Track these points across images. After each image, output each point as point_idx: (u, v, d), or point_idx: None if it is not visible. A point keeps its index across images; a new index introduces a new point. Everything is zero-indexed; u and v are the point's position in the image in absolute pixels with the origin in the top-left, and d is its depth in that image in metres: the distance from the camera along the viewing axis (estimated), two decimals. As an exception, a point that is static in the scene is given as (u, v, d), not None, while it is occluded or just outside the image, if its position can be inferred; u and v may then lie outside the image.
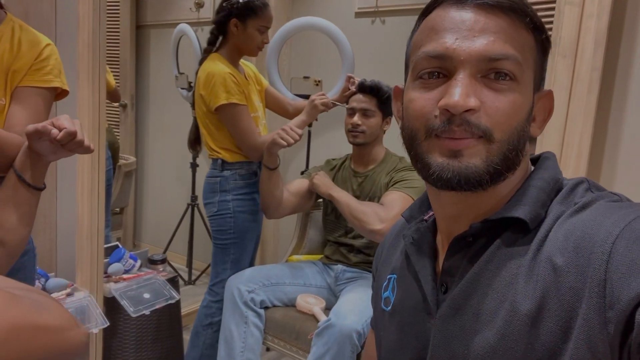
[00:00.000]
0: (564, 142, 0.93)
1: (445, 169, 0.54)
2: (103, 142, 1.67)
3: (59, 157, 1.02)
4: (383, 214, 1.59)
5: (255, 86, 1.94)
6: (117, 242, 2.07)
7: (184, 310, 2.61)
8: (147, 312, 1.74)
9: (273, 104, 2.08)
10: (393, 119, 1.85)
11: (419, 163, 0.57)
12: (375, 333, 0.76)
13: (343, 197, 1.69)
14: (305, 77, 2.33)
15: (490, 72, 0.53)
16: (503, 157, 0.54)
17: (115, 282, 1.79)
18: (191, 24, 3.12)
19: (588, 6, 0.90)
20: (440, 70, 0.55)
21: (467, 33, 0.53)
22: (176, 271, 3.16)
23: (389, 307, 0.70)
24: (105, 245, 1.98)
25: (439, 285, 0.61)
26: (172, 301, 1.83)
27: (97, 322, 1.60)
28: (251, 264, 1.91)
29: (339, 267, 1.85)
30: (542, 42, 0.57)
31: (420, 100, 0.56)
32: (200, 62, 1.82)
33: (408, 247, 0.67)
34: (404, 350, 0.65)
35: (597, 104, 0.94)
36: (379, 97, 1.77)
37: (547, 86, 0.98)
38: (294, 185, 1.85)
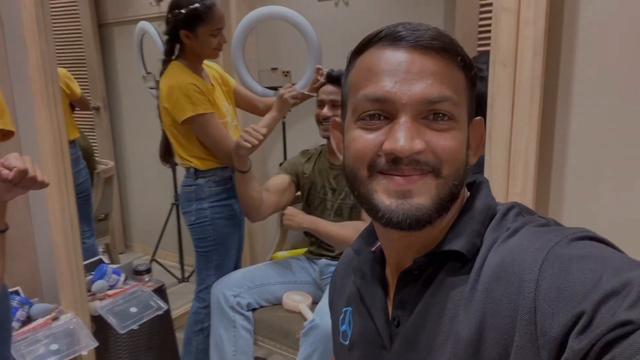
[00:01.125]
0: (511, 151, 0.92)
1: (395, 212, 0.54)
2: (67, 161, 1.63)
3: (14, 196, 1.00)
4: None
5: (222, 88, 1.89)
6: (100, 257, 2.06)
7: (179, 310, 2.64)
8: (135, 326, 1.75)
9: (243, 103, 2.04)
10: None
11: (366, 204, 0.58)
12: None
13: (320, 226, 1.69)
14: (274, 69, 2.28)
15: (429, 113, 0.55)
16: (449, 192, 0.56)
17: (101, 299, 1.79)
18: (153, 18, 3.03)
19: (524, 12, 0.87)
20: (381, 112, 0.56)
21: (405, 75, 0.54)
22: (168, 270, 3.19)
23: (347, 341, 0.70)
24: (89, 261, 1.98)
25: (391, 319, 0.62)
26: (160, 312, 1.84)
27: (86, 344, 1.60)
28: (236, 267, 1.91)
29: (323, 261, 1.85)
30: (471, 78, 0.59)
31: (363, 140, 0.57)
32: (161, 72, 1.77)
33: (358, 281, 0.68)
34: None
35: (542, 111, 0.92)
36: None
37: (490, 97, 0.96)
38: (272, 183, 1.83)
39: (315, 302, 1.77)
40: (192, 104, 1.64)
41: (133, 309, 1.79)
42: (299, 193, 1.92)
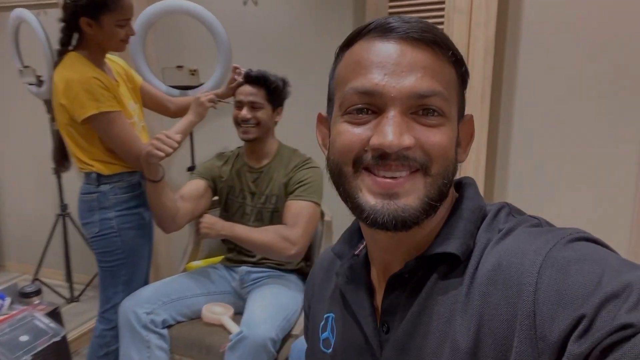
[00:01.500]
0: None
1: (380, 212, 0.52)
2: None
3: None
4: (292, 235, 1.57)
5: (127, 85, 1.71)
6: (-24, 280, 1.76)
7: (72, 333, 2.36)
8: (27, 357, 1.51)
9: (151, 103, 1.86)
10: (284, 109, 1.78)
11: (350, 203, 0.55)
12: None
13: (240, 233, 1.61)
14: (179, 67, 2.14)
15: (419, 108, 0.53)
16: (438, 191, 0.54)
17: (-19, 330, 1.52)
18: (30, 6, 2.69)
19: (476, 14, 0.89)
20: (369, 106, 0.53)
21: (394, 68, 0.52)
22: (53, 290, 2.84)
23: (330, 350, 0.67)
24: (-39, 286, 1.67)
25: (380, 325, 0.59)
26: (57, 338, 1.61)
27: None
28: (145, 282, 1.75)
29: (243, 268, 1.77)
30: (462, 74, 0.57)
31: (349, 134, 0.54)
32: (56, 64, 1.55)
33: (343, 286, 0.65)
34: None
35: (490, 111, 0.96)
36: (267, 87, 1.68)
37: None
38: (186, 190, 1.71)
39: (237, 313, 1.68)
40: (95, 101, 1.46)
41: (24, 338, 1.54)
42: (216, 198, 1.82)
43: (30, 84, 2.53)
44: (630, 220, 1.63)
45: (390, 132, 0.51)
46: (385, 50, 0.53)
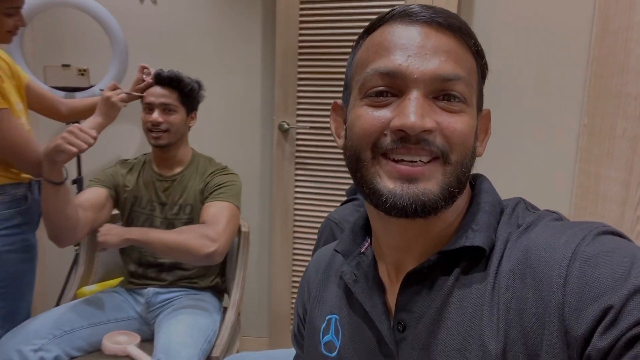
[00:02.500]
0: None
1: (399, 195, 0.51)
2: None
3: None
4: (211, 232, 1.41)
5: (12, 82, 1.44)
6: None
7: None
8: None
9: (39, 105, 1.57)
10: (198, 113, 1.65)
11: (367, 188, 0.54)
12: None
13: (151, 235, 1.40)
14: (65, 65, 1.89)
15: (442, 93, 0.52)
16: (457, 179, 0.53)
17: None
18: None
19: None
20: (390, 89, 0.52)
21: (418, 50, 0.51)
22: None
23: (334, 353, 0.64)
24: None
25: (394, 323, 0.57)
26: None
27: None
28: (28, 315, 1.48)
29: (150, 290, 1.58)
30: (482, 67, 0.57)
31: (368, 117, 0.53)
32: None
33: (352, 285, 0.62)
34: None
35: None
36: (180, 90, 1.54)
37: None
38: (85, 198, 1.49)
39: (144, 340, 1.49)
40: None
41: None
42: (116, 212, 1.61)
43: None
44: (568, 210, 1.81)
45: (412, 112, 0.50)
46: (409, 33, 0.52)
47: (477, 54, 0.56)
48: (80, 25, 2.07)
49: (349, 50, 0.61)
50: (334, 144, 1.89)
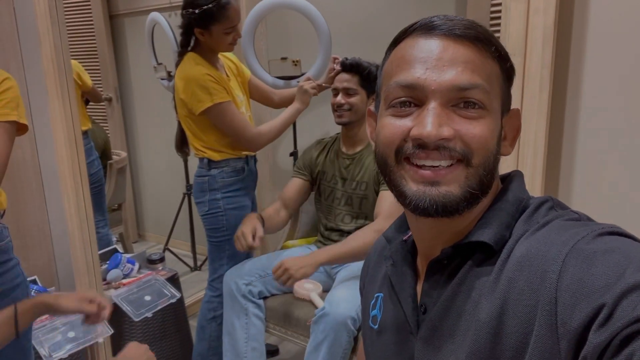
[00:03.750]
0: (520, 141, 0.91)
1: (422, 197, 0.55)
2: (81, 152, 1.66)
3: None
4: (383, 226, 1.58)
5: (237, 79, 1.90)
6: (115, 247, 2.10)
7: (192, 298, 2.68)
8: (149, 314, 1.78)
9: (258, 95, 2.05)
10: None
11: (394, 190, 0.59)
12: (365, 348, 0.78)
13: (335, 251, 1.62)
14: (283, 58, 2.28)
15: (460, 101, 0.55)
16: (479, 181, 0.56)
17: (116, 288, 1.83)
18: (164, 9, 3.05)
19: (534, 1, 0.86)
20: (411, 99, 0.56)
21: (436, 63, 0.55)
22: (180, 259, 3.23)
23: (377, 326, 0.72)
24: (103, 250, 2.02)
25: (419, 306, 0.63)
26: (174, 300, 1.87)
27: (102, 332, 1.64)
28: (248, 256, 1.94)
29: (334, 249, 1.86)
30: (507, 70, 0.59)
31: (391, 127, 0.58)
32: (177, 64, 1.77)
33: (389, 268, 0.69)
34: None
35: (551, 101, 0.91)
36: (360, 74, 1.75)
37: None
38: (290, 189, 1.92)
39: (325, 290, 1.78)
40: (209, 95, 1.65)
41: (147, 297, 1.83)
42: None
43: (162, 79, 2.89)
44: None
45: (430, 122, 0.53)
46: (428, 46, 0.56)
47: (500, 58, 0.57)
48: (296, 23, 2.45)
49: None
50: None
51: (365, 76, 1.75)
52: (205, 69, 1.69)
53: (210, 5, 1.64)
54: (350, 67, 1.76)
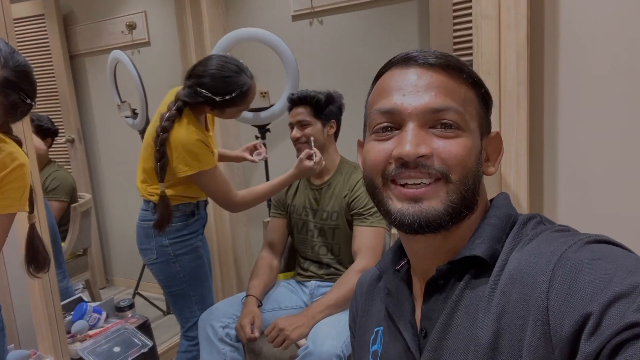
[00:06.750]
0: (502, 160, 0.89)
1: (405, 214, 0.58)
2: (41, 202, 1.56)
3: None
4: (363, 266, 1.60)
5: (211, 120, 1.82)
6: (80, 295, 1.97)
7: (166, 344, 2.54)
8: (119, 366, 1.66)
9: None
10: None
11: (382, 210, 0.62)
12: None
13: (327, 304, 1.59)
14: (250, 91, 2.25)
15: (437, 123, 0.59)
16: (460, 196, 0.58)
17: (81, 341, 1.70)
18: (125, 47, 3.00)
19: (504, 18, 0.85)
20: (392, 124, 0.61)
21: (412, 89, 0.60)
22: (152, 302, 3.08)
23: None
24: (67, 300, 1.89)
25: (419, 331, 0.63)
26: (145, 349, 1.75)
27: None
28: (211, 298, 1.84)
29: (313, 282, 1.80)
30: (482, 95, 0.63)
31: (375, 150, 0.62)
32: (172, 119, 1.59)
33: (384, 298, 0.70)
34: None
35: (529, 117, 0.90)
36: (311, 104, 1.74)
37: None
38: (274, 228, 1.89)
39: (308, 327, 1.70)
40: (198, 161, 1.57)
41: (116, 349, 1.71)
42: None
43: (127, 117, 2.81)
44: None
45: (408, 142, 0.57)
46: (405, 75, 0.61)
47: (474, 85, 0.62)
48: (261, 54, 2.43)
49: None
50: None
51: (315, 105, 1.74)
52: (196, 134, 1.58)
53: (233, 95, 1.59)
54: (299, 100, 1.76)
